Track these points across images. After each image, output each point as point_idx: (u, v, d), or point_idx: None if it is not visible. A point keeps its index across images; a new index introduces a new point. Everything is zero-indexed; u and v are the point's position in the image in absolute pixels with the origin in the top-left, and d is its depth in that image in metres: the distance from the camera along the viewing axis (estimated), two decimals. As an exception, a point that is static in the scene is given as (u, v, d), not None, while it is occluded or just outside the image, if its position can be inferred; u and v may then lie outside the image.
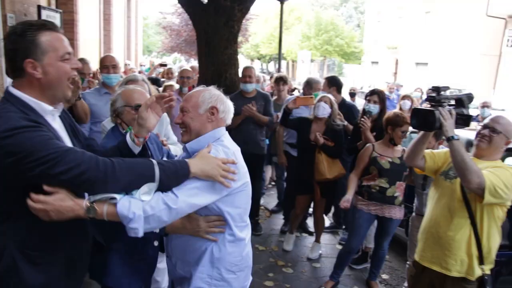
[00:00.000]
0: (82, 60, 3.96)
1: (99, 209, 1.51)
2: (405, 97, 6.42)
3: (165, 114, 3.35)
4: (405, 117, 3.50)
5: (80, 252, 1.70)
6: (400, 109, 6.26)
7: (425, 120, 2.34)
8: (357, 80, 26.61)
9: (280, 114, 4.54)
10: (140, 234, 1.57)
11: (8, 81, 3.12)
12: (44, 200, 1.42)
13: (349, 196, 3.50)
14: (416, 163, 2.62)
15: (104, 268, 2.05)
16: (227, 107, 1.99)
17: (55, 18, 5.86)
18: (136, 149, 1.76)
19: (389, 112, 3.66)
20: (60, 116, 1.66)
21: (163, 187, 1.60)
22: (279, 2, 9.03)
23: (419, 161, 2.59)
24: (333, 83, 4.81)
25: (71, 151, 1.44)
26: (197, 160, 1.69)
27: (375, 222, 3.77)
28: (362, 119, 3.98)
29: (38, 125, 1.43)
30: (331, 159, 4.09)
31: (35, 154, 1.36)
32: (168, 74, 7.21)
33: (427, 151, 2.64)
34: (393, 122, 3.48)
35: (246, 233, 2.01)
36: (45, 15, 5.44)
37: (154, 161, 1.58)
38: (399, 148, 3.57)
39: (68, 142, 1.62)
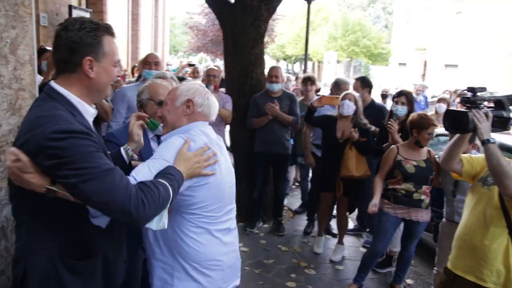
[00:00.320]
0: None
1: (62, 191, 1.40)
2: (440, 100, 6.28)
3: None
4: (430, 118, 3.39)
5: (116, 261, 1.69)
6: (436, 112, 6.13)
7: (458, 122, 2.25)
8: (384, 82, 26.16)
9: None
10: (104, 224, 1.53)
11: (39, 78, 3.19)
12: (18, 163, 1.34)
13: (376, 200, 3.43)
14: (453, 167, 2.51)
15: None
16: (208, 102, 1.90)
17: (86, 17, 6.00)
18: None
19: (413, 114, 3.53)
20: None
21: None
22: (306, 2, 8.98)
23: (456, 165, 2.48)
24: (367, 84, 4.77)
25: (111, 173, 1.39)
26: (183, 165, 1.66)
27: (401, 226, 3.69)
28: (390, 121, 3.90)
29: (88, 132, 1.40)
30: (360, 157, 4.05)
31: (78, 163, 1.33)
32: (195, 73, 7.30)
33: (465, 155, 2.54)
34: (418, 124, 3.37)
35: (222, 231, 1.89)
36: (76, 14, 5.59)
37: (169, 186, 1.53)
38: (425, 149, 3.47)
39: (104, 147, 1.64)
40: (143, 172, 1.60)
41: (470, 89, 2.32)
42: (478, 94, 2.30)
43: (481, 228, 2.35)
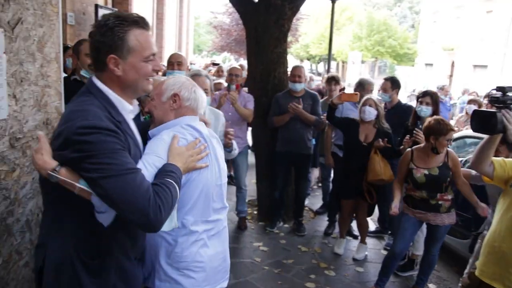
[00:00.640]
0: None
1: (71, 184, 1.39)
2: (471, 101, 6.12)
3: (221, 113, 3.40)
4: (448, 124, 3.27)
5: (133, 263, 1.67)
6: (466, 113, 6.00)
7: (486, 122, 2.17)
8: (410, 83, 25.69)
9: None
10: (106, 223, 1.47)
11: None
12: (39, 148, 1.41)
13: (396, 202, 3.38)
14: (483, 170, 2.41)
15: None
16: (195, 95, 1.85)
17: (111, 16, 6.13)
18: None
19: (430, 120, 3.35)
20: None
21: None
22: (330, 2, 8.90)
23: (487, 167, 2.38)
24: (396, 85, 4.70)
25: (132, 173, 1.38)
26: (179, 161, 1.63)
27: (424, 229, 3.62)
28: (416, 130, 3.78)
29: (115, 130, 1.40)
30: (385, 161, 3.99)
31: (100, 159, 1.33)
32: (219, 72, 7.36)
33: (498, 158, 2.43)
34: (435, 130, 3.23)
35: (207, 231, 1.85)
36: (102, 13, 5.70)
37: (176, 184, 1.52)
38: (441, 155, 3.34)
39: (140, 143, 1.66)
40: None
41: (500, 89, 2.24)
42: (509, 94, 2.21)
43: (511, 235, 2.26)
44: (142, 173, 1.44)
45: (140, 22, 1.49)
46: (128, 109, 1.56)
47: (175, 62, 3.83)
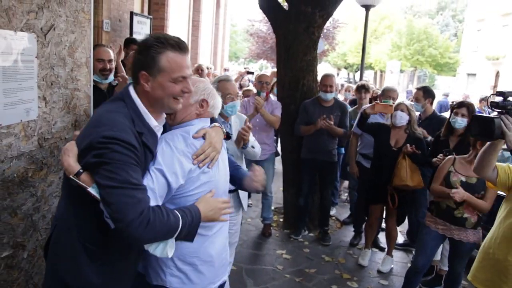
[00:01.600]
0: None
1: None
2: None
3: (246, 117, 3.45)
4: None
5: (130, 256, 1.74)
6: None
7: (484, 128, 2.11)
8: (451, 93, 24.88)
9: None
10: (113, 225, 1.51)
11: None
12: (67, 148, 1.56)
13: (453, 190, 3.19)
14: (486, 175, 2.37)
15: None
16: (217, 104, 1.96)
17: (146, 23, 6.35)
18: None
19: None
20: None
21: (181, 236, 1.60)
22: (364, 10, 8.77)
23: (490, 173, 2.34)
24: (429, 94, 4.56)
25: (134, 190, 1.45)
26: (203, 206, 1.71)
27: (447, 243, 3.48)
28: (440, 156, 3.65)
29: (135, 146, 1.50)
30: (413, 167, 3.89)
31: (113, 167, 1.44)
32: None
33: (503, 164, 2.39)
34: None
35: (213, 227, 1.90)
36: (136, 21, 5.91)
37: (180, 217, 1.57)
38: None
39: None
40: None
41: (500, 93, 2.16)
42: (509, 99, 2.13)
43: (507, 242, 2.22)
44: (145, 193, 1.51)
45: (175, 46, 1.59)
46: (153, 125, 1.66)
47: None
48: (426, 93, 4.57)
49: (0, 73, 2.03)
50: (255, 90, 5.05)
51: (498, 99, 2.16)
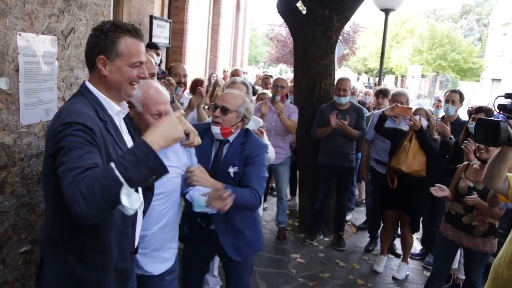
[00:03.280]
0: (176, 69, 4.21)
1: None
2: None
3: (261, 120, 3.50)
4: None
5: (126, 258, 1.74)
6: None
7: (489, 132, 1.96)
8: (474, 99, 24.40)
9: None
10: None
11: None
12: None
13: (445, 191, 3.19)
14: (496, 187, 2.20)
15: None
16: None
17: (165, 27, 6.45)
18: None
19: None
20: (124, 120, 1.76)
21: (137, 180, 1.32)
22: (384, 14, 8.69)
23: (500, 184, 2.17)
24: (463, 99, 4.51)
25: (75, 169, 1.31)
26: (153, 130, 1.44)
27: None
28: (467, 141, 3.60)
29: (91, 128, 1.44)
30: (418, 155, 3.82)
31: (66, 151, 1.36)
32: (267, 84, 7.42)
33: None
34: None
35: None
36: (156, 24, 6.01)
37: (112, 163, 1.31)
38: None
39: (128, 141, 1.72)
40: None
41: (508, 95, 2.05)
42: None
43: None
44: (96, 170, 1.31)
45: (133, 31, 1.60)
46: (116, 110, 1.66)
47: (182, 75, 4.14)
48: (461, 96, 4.50)
49: (22, 74, 2.11)
50: (270, 94, 5.07)
51: (507, 101, 2.04)
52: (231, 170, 2.41)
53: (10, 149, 2.07)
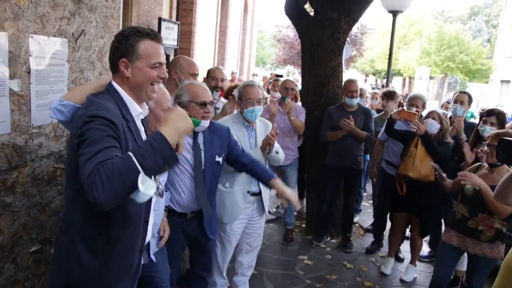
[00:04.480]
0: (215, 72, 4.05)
1: None
2: None
3: (270, 123, 3.49)
4: None
5: (133, 249, 1.78)
6: None
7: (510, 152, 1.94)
8: (483, 101, 24.20)
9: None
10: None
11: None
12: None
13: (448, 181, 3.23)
14: (510, 203, 2.19)
15: None
16: None
17: (173, 29, 6.51)
18: None
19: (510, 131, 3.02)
20: (142, 122, 1.82)
21: (152, 168, 1.44)
22: (391, 16, 8.66)
23: None
24: (471, 101, 4.50)
25: (103, 152, 1.42)
26: (166, 124, 1.54)
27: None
28: (480, 145, 3.55)
29: (114, 123, 1.52)
30: (425, 160, 3.80)
31: (88, 141, 1.45)
32: (276, 86, 7.43)
33: None
34: None
35: None
36: (164, 26, 6.07)
37: (129, 152, 1.42)
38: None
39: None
40: None
41: None
42: None
43: None
44: (115, 160, 1.40)
45: (151, 35, 1.70)
46: (138, 111, 1.75)
47: (220, 79, 3.94)
48: (470, 98, 4.49)
49: (33, 76, 2.14)
50: (279, 96, 5.07)
51: None
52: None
53: (21, 149, 2.10)
